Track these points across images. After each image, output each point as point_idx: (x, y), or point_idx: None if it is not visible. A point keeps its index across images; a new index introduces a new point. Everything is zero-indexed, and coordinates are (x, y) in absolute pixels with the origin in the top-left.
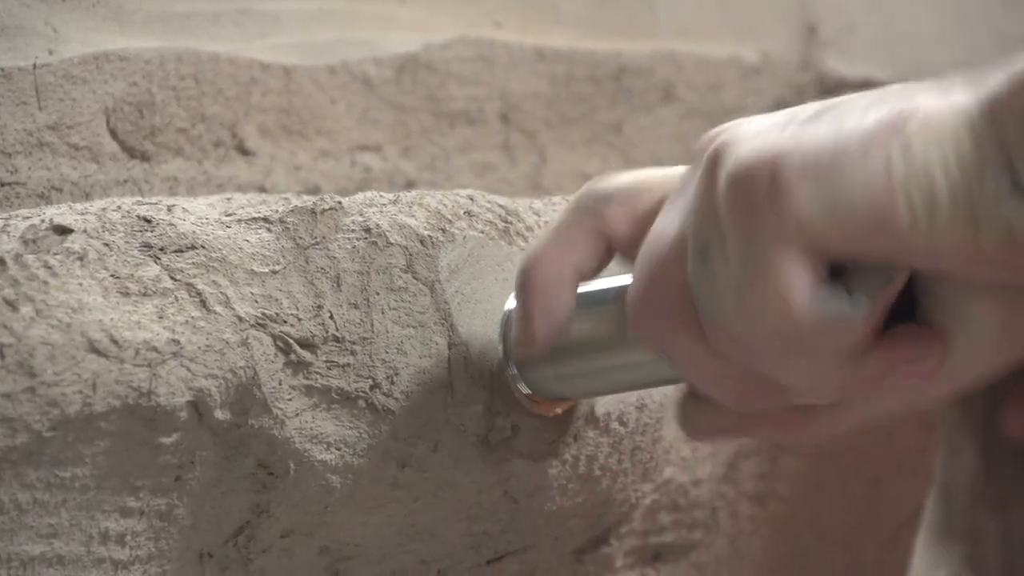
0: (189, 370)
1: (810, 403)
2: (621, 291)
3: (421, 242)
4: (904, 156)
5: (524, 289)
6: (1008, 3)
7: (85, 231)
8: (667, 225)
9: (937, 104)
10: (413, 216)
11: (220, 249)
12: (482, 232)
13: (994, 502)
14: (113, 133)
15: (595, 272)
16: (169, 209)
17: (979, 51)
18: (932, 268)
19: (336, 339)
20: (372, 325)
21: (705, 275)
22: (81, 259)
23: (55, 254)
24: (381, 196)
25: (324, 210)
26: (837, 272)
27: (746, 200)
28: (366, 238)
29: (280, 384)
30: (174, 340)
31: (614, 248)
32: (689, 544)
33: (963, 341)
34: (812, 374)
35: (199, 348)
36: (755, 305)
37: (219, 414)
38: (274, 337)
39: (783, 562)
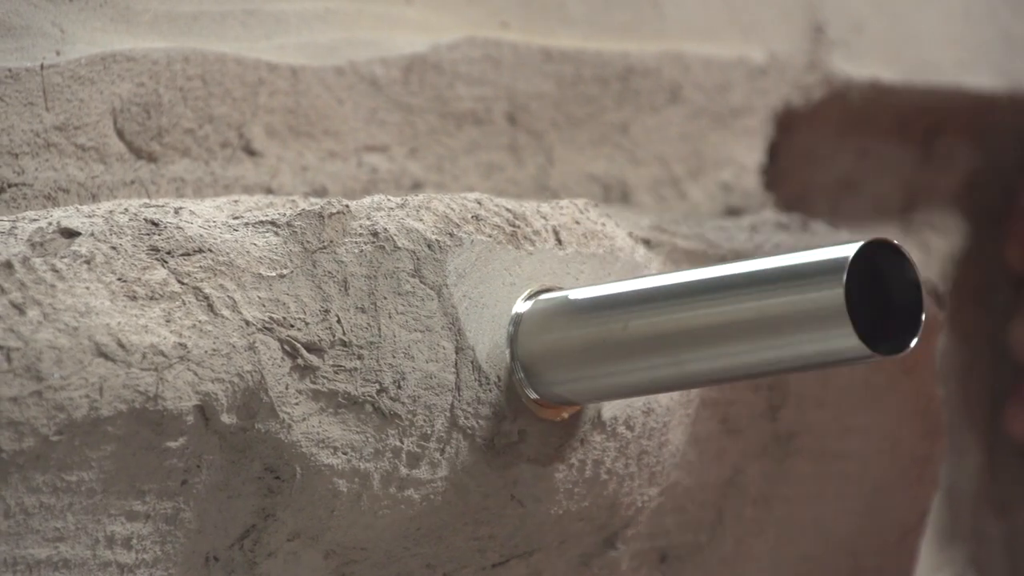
0: (196, 374)
1: None
2: (626, 296)
3: (429, 246)
4: None
5: None
6: (1014, 3)
7: (92, 234)
8: None
9: None
10: (421, 220)
11: (227, 253)
12: (490, 236)
13: (998, 504)
14: (120, 134)
15: None
16: (176, 212)
17: (986, 51)
18: None
19: (343, 343)
20: (379, 329)
21: None
22: (88, 262)
23: (62, 257)
24: (389, 200)
25: (331, 214)
26: None
27: None
28: (373, 242)
29: (287, 388)
30: (181, 344)
31: None
32: (695, 547)
33: None
34: None
35: (206, 352)
36: None
37: (226, 418)
38: (281, 341)
39: (787, 565)
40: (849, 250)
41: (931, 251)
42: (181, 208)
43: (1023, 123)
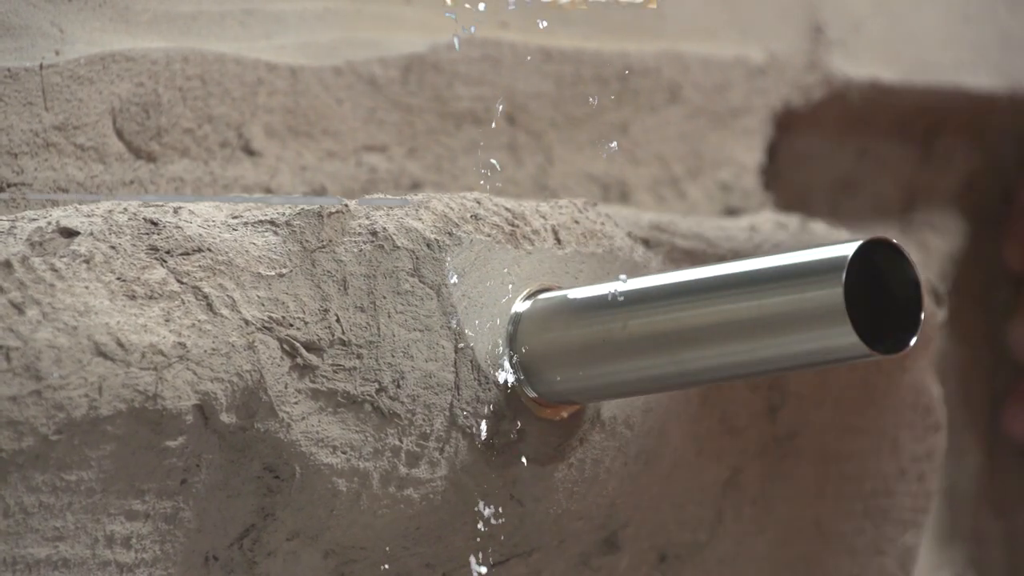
0: (195, 373)
1: None
2: (626, 295)
3: (428, 245)
4: None
5: None
6: (1013, 3)
7: (91, 233)
8: None
9: None
10: (420, 219)
11: (226, 252)
12: (489, 235)
13: (998, 504)
14: (119, 134)
15: None
16: (175, 211)
17: (985, 51)
18: None
19: (342, 342)
20: (378, 328)
21: None
22: (87, 262)
23: (61, 257)
24: (388, 199)
25: (331, 213)
26: None
27: None
28: (373, 241)
29: (286, 387)
30: (180, 343)
31: None
32: (694, 546)
33: None
34: None
35: (205, 351)
36: None
37: (225, 417)
38: (280, 340)
39: (787, 564)
40: (848, 249)
41: (930, 251)
42: (180, 207)
43: (1022, 123)
